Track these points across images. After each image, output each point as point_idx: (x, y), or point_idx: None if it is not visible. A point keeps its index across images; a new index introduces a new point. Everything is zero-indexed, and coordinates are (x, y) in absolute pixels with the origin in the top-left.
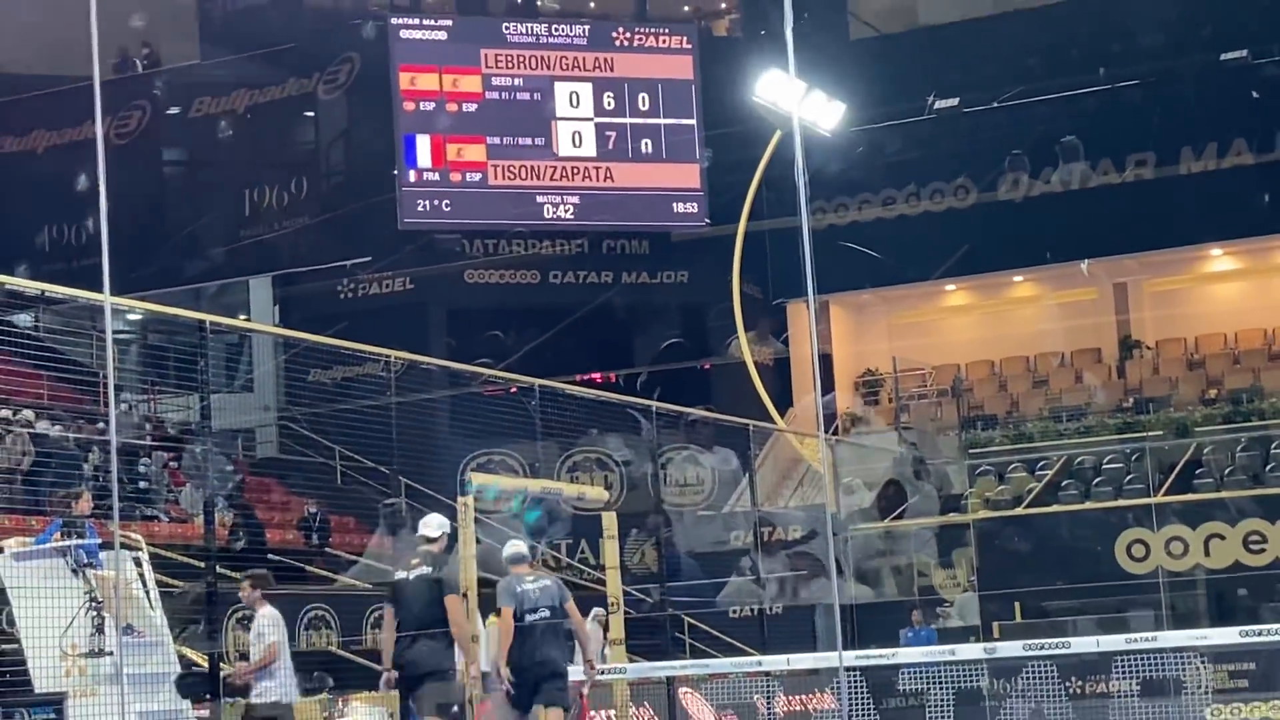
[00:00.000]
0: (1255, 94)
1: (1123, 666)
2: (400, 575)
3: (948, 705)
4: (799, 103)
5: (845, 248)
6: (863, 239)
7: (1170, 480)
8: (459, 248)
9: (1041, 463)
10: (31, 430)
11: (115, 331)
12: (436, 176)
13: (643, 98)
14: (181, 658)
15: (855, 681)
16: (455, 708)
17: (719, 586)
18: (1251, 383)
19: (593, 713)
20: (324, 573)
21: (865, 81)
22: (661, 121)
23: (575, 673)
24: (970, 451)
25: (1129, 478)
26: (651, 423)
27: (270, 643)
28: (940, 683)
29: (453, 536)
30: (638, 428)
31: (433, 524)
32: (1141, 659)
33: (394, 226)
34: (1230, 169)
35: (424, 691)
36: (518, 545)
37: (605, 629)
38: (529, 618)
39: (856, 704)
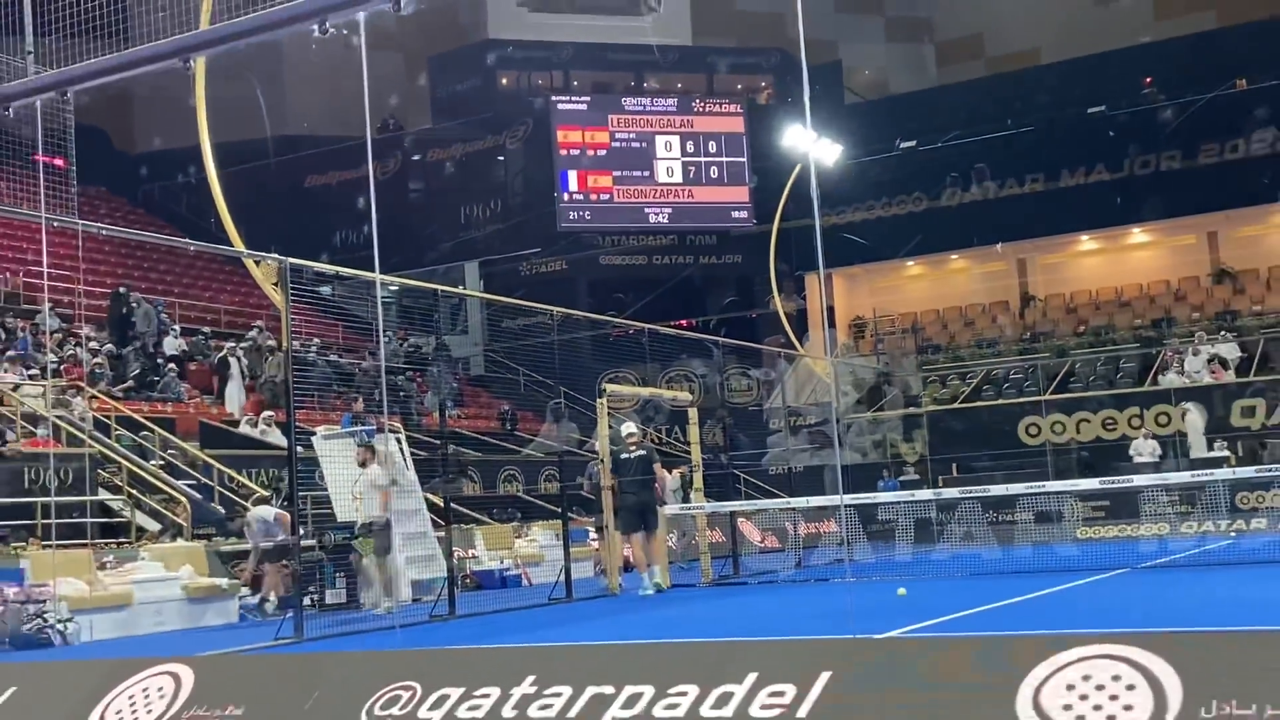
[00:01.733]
0: (1111, 133)
1: (1024, 505)
2: (624, 455)
3: (909, 529)
4: (812, 145)
5: (843, 238)
6: (854, 232)
7: (1053, 385)
8: (596, 241)
9: (969, 374)
10: (328, 359)
11: (382, 297)
12: (581, 196)
13: (711, 144)
14: (426, 500)
15: (850, 514)
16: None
17: (763, 454)
18: (1107, 321)
19: (674, 534)
20: (514, 447)
21: (855, 130)
22: (723, 159)
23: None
24: (923, 367)
25: (1026, 384)
26: (719, 351)
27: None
28: (905, 515)
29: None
30: (710, 354)
31: (629, 427)
32: (1035, 499)
33: (554, 228)
34: (1095, 183)
35: (646, 519)
36: (628, 425)
37: (688, 482)
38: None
39: (851, 528)
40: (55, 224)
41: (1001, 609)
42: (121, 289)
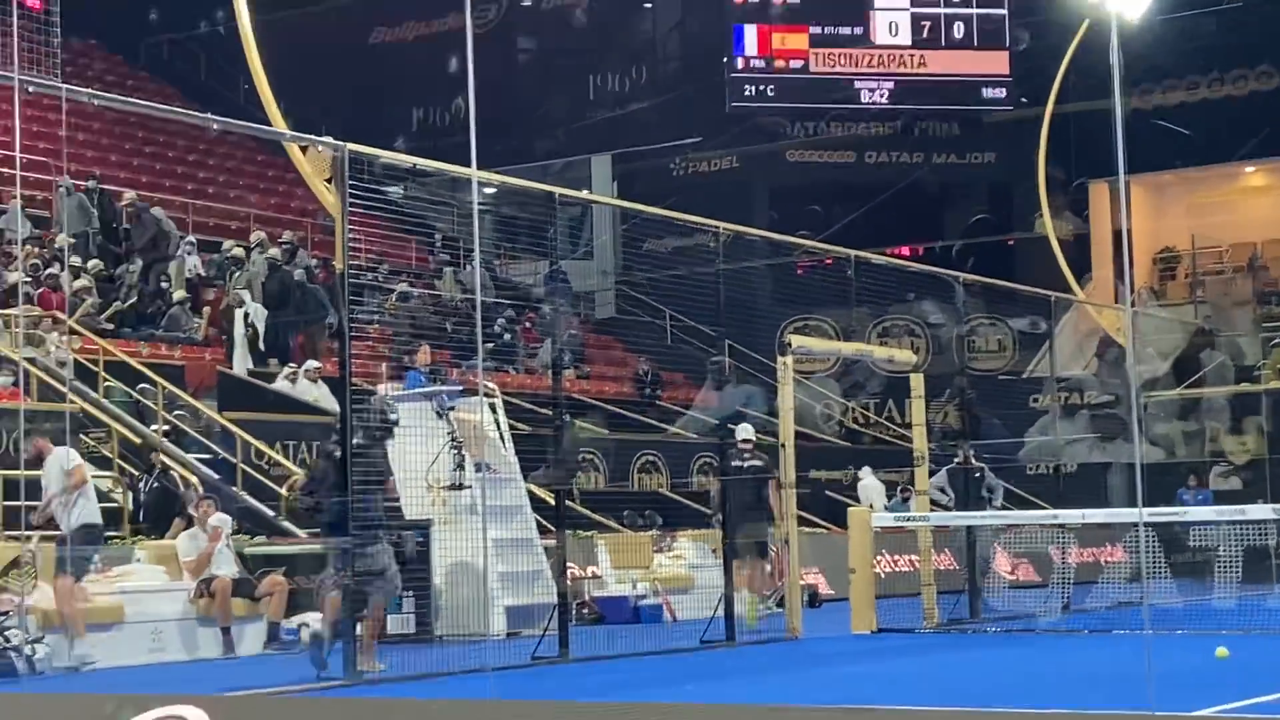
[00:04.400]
0: None
1: None
2: (735, 463)
3: (1237, 562)
4: None
5: (1147, 130)
6: (1169, 120)
7: None
8: (781, 129)
9: None
10: (395, 291)
11: (469, 203)
12: (762, 63)
13: None
14: (530, 494)
15: (1149, 538)
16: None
17: (1019, 445)
18: None
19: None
20: (655, 422)
21: None
22: (974, 11)
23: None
24: (1264, 325)
25: None
26: (960, 291)
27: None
28: (1230, 540)
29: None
30: (945, 297)
31: (746, 430)
32: None
33: (722, 109)
34: None
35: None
36: (745, 428)
37: (908, 484)
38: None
39: (1149, 557)
40: (30, 89)
41: None
42: (129, 192)
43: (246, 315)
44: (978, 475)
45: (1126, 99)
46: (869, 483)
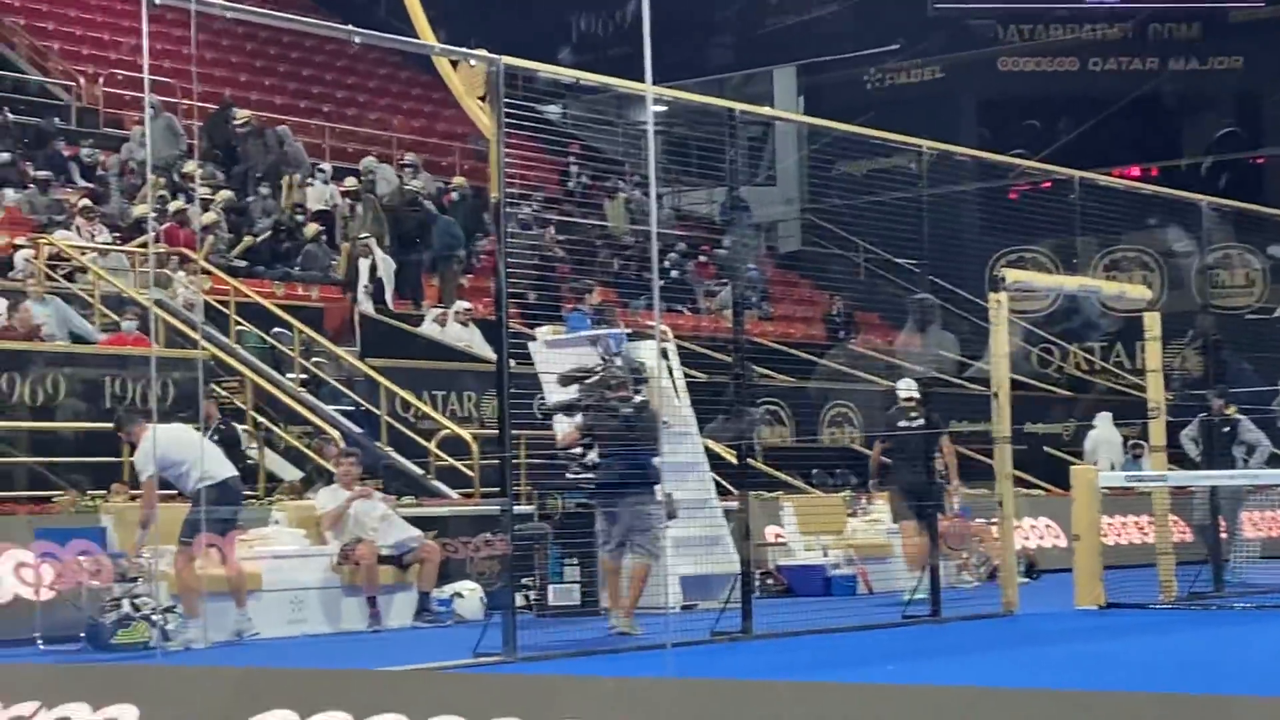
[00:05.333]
0: None
1: None
2: (902, 423)
3: None
4: None
5: None
6: None
7: None
8: (992, 33)
9: None
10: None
11: (639, 123)
12: None
13: None
14: (707, 451)
15: None
16: None
17: (1273, 394)
18: None
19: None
20: (848, 369)
21: None
22: None
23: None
24: None
25: None
26: (1203, 217)
27: None
28: None
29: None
30: (1186, 223)
31: (908, 385)
32: None
33: (924, 12)
34: None
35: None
36: (906, 383)
37: (1143, 438)
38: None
39: None
40: (156, 1)
41: None
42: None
43: (374, 268)
44: (1226, 430)
45: None
46: (1103, 433)
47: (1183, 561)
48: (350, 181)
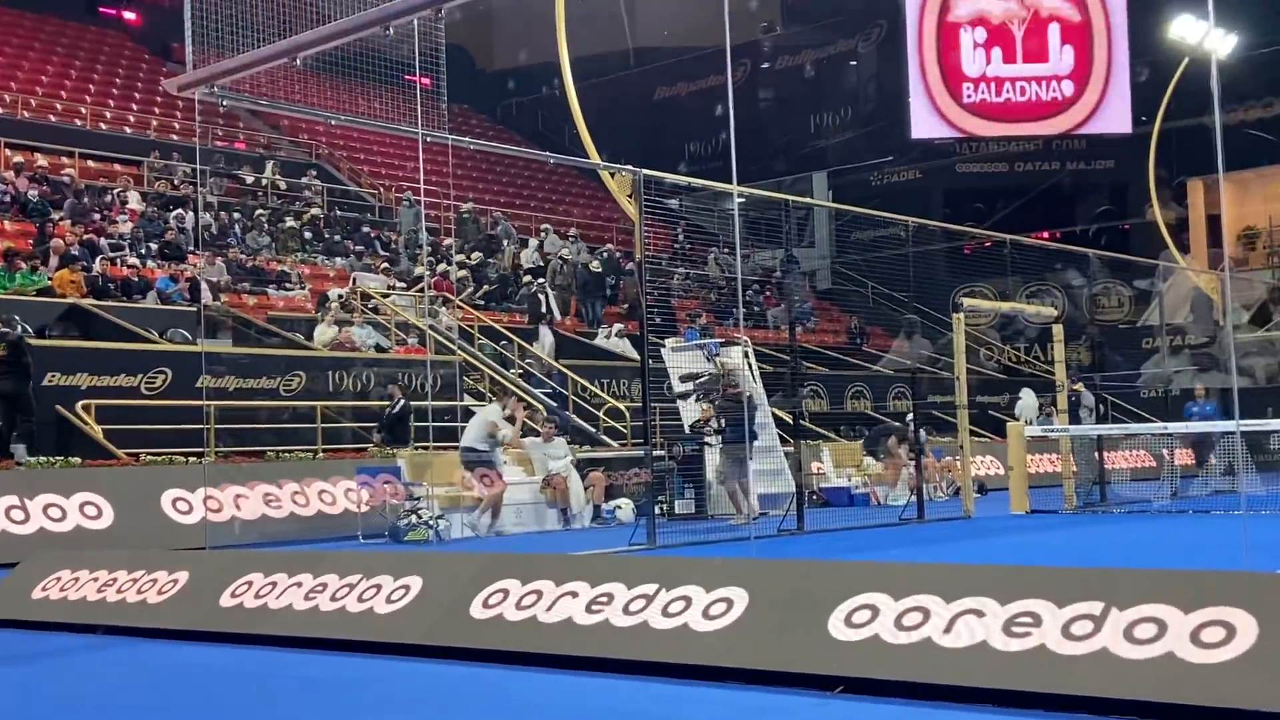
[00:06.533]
0: None
1: None
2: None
3: None
4: (1207, 34)
5: (1235, 138)
6: (1252, 130)
7: None
8: (953, 148)
9: None
10: (680, 271)
11: (728, 209)
12: (937, 101)
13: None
14: (773, 415)
15: (1235, 442)
16: None
17: (1136, 375)
18: None
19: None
20: (862, 363)
21: (1250, 20)
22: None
23: None
24: None
25: None
26: (1094, 262)
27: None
28: None
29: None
30: (1079, 267)
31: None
32: None
33: (907, 136)
34: None
35: None
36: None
37: (1076, 403)
38: None
39: (1239, 458)
40: (428, 139)
41: None
42: (468, 208)
43: (547, 301)
44: (1074, 399)
45: (1218, 114)
46: (1027, 401)
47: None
48: (543, 255)
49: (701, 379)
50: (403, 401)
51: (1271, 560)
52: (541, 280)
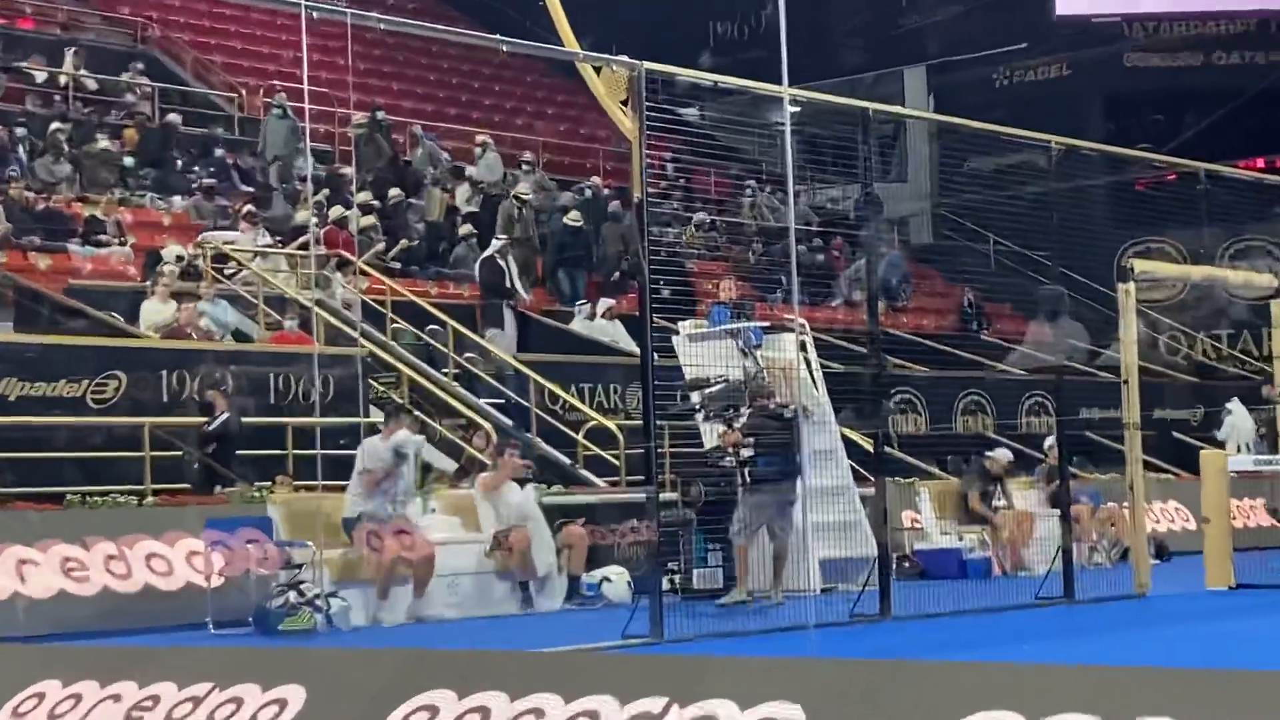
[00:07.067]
0: None
1: None
2: None
3: None
4: None
5: None
6: None
7: None
8: (1117, 31)
9: None
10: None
11: (776, 123)
12: None
13: None
14: (844, 438)
15: None
16: None
17: None
18: None
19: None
20: (980, 359)
21: None
22: None
23: None
24: None
25: None
26: None
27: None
28: None
29: None
30: None
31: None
32: None
33: (1049, 14)
34: None
35: None
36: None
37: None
38: None
39: None
40: (315, 14)
41: None
42: (360, 120)
43: (509, 270)
44: None
45: None
46: (1237, 419)
47: None
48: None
49: (713, 387)
50: (225, 416)
51: None
52: (503, 240)
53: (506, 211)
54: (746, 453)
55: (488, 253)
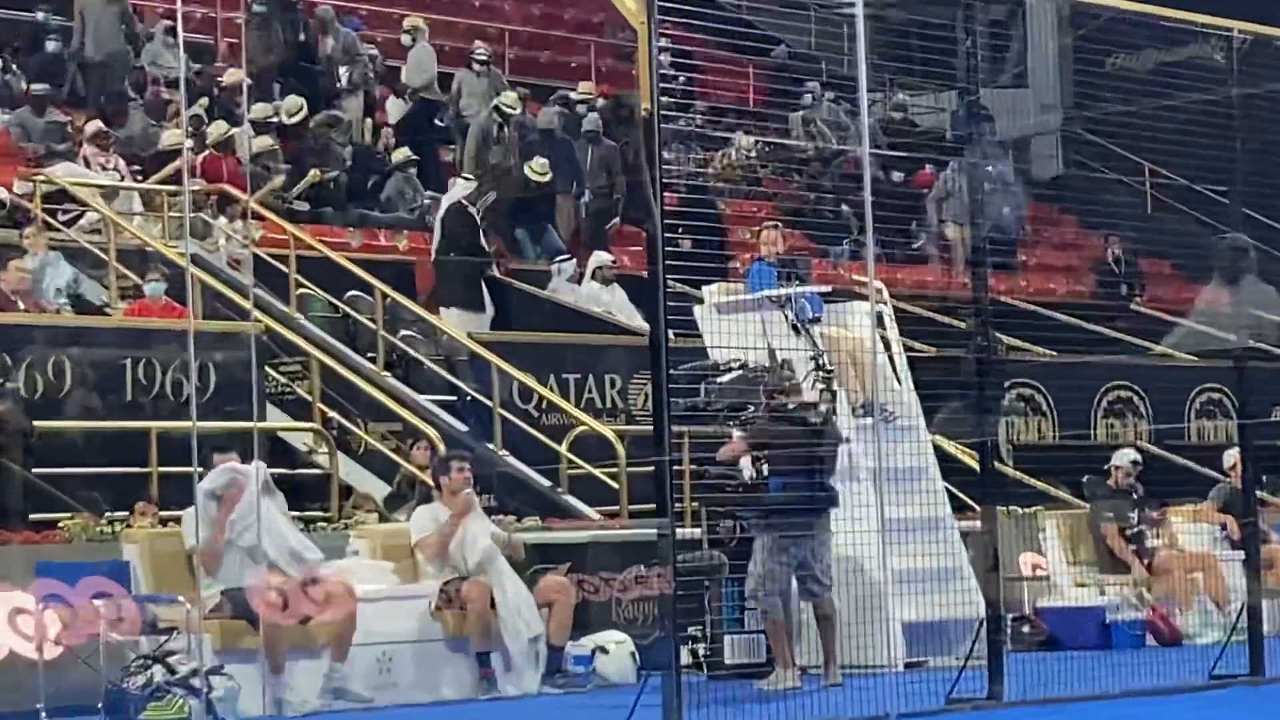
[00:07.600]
0: None
1: None
2: None
3: None
4: None
5: None
6: None
7: None
8: None
9: None
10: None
11: (842, 5)
12: None
13: None
14: (937, 450)
15: None
16: None
17: None
18: None
19: None
20: (1129, 338)
21: None
22: None
23: None
24: None
25: None
26: None
27: None
28: None
29: None
30: None
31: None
32: None
33: None
34: None
35: None
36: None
37: None
38: None
39: None
40: None
41: None
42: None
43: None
44: None
45: None
46: None
47: None
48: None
49: (723, 375)
50: None
51: None
52: (469, 181)
53: (481, 131)
54: (749, 472)
55: (454, 194)
